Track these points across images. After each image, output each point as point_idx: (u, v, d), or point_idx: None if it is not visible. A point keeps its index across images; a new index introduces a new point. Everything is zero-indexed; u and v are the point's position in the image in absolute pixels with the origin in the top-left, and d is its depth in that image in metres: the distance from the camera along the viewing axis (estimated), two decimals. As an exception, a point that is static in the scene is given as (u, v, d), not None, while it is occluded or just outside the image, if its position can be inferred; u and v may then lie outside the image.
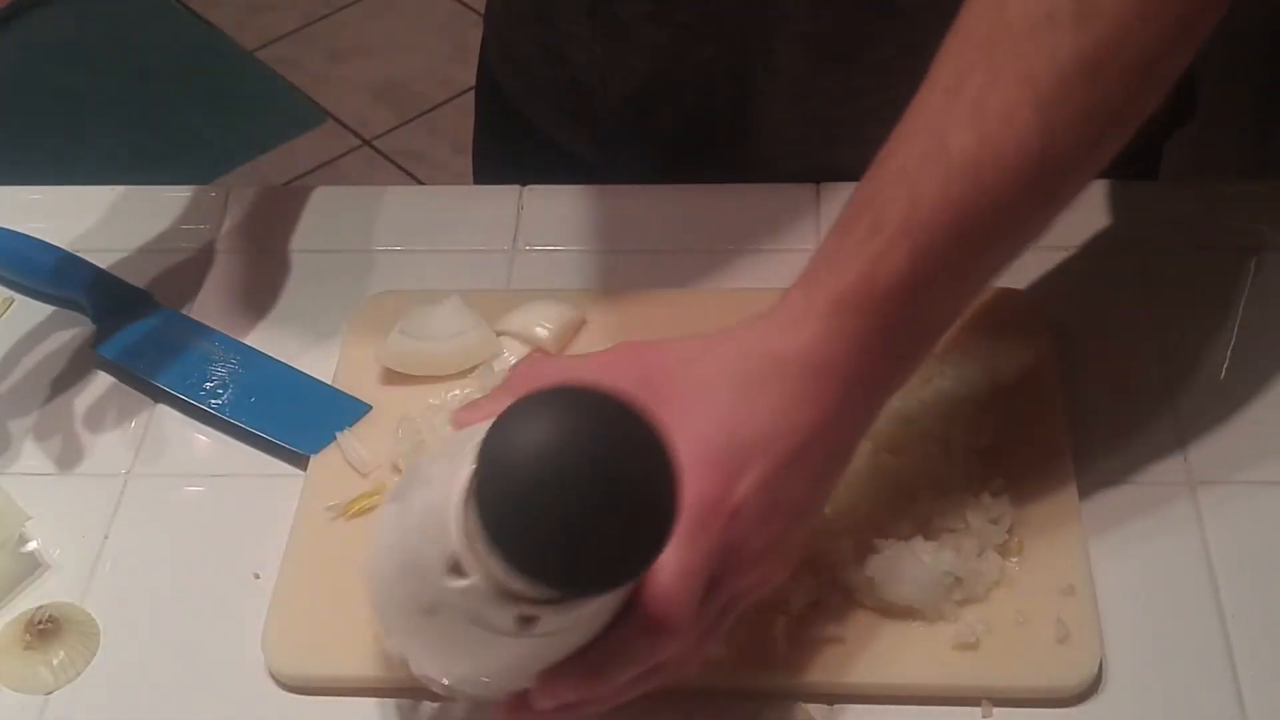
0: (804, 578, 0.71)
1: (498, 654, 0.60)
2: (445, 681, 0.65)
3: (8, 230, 0.92)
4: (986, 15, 0.64)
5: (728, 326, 0.66)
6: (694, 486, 0.59)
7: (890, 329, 0.64)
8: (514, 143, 1.05)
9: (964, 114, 0.63)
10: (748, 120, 0.93)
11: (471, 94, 1.10)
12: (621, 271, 0.89)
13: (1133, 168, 0.95)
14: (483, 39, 1.06)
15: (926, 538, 0.71)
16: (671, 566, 0.60)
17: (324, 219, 0.95)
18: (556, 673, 0.61)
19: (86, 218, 0.95)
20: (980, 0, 0.65)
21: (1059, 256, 0.87)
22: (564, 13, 0.94)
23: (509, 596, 0.57)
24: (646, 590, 0.60)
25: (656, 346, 0.67)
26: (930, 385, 0.77)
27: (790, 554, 0.67)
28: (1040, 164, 0.63)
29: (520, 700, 0.63)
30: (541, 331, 0.83)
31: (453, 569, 0.57)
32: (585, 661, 0.61)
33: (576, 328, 0.84)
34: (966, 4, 0.65)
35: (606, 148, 0.99)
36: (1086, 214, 0.89)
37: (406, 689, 0.71)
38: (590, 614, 0.59)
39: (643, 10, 0.90)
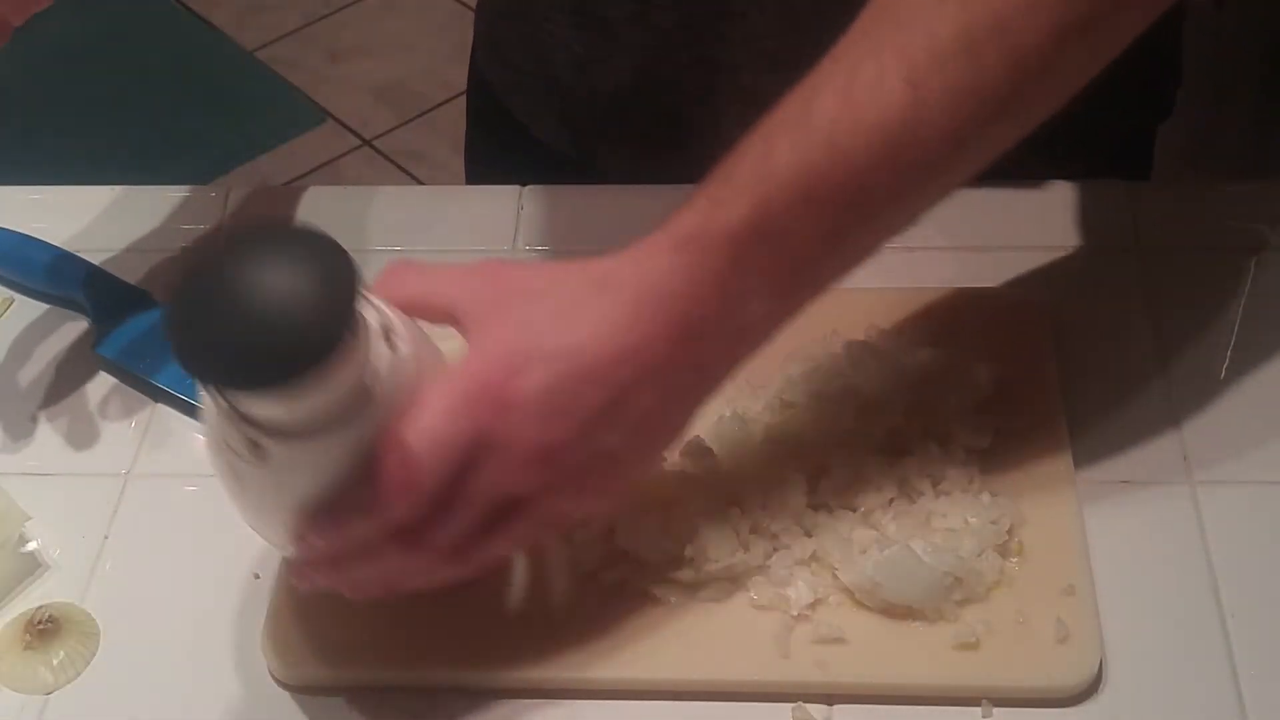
0: (804, 577, 0.71)
1: (250, 486, 0.64)
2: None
3: (7, 230, 0.92)
4: None
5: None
6: (473, 369, 0.63)
7: (723, 272, 0.64)
8: (501, 138, 1.05)
9: (837, 79, 0.64)
10: (723, 129, 0.93)
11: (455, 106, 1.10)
12: (621, 271, 0.89)
13: (1123, 166, 0.95)
14: (474, 33, 1.06)
15: (926, 538, 0.71)
16: (417, 427, 0.62)
17: (324, 219, 0.95)
18: (300, 514, 0.64)
19: (86, 218, 0.95)
20: None
21: (1059, 256, 0.87)
22: (546, 9, 0.94)
23: (236, 419, 0.61)
24: (388, 445, 0.62)
25: (511, 264, 0.69)
26: (930, 385, 0.77)
27: (587, 477, 0.66)
28: (902, 136, 0.63)
29: (300, 564, 0.67)
30: (541, 331, 0.83)
31: (208, 393, 0.62)
32: (327, 509, 0.63)
33: (576, 328, 0.84)
34: None
35: (586, 146, 0.99)
36: (1086, 214, 0.89)
37: (406, 689, 0.71)
38: (320, 456, 0.62)
39: (625, 12, 0.90)
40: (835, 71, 0.64)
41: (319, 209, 0.96)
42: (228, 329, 0.59)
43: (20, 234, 0.92)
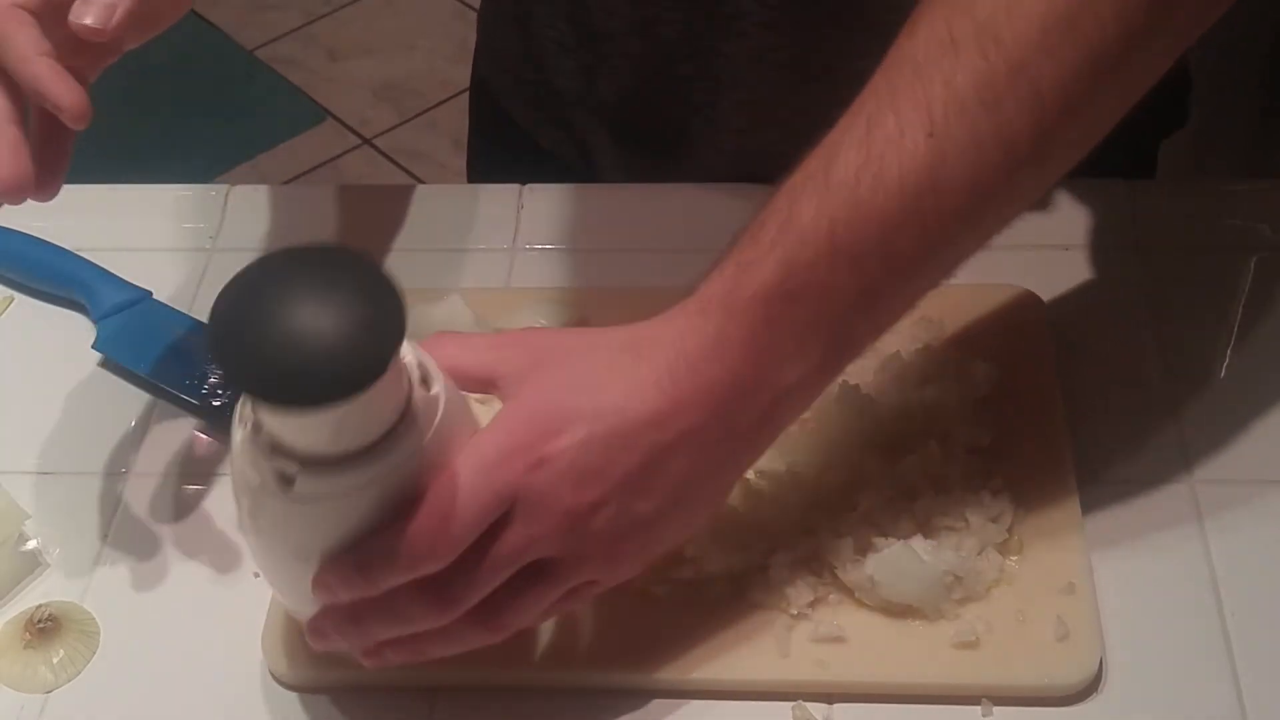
0: (804, 577, 0.71)
1: (274, 525, 0.64)
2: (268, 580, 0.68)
3: (8, 229, 0.92)
4: (900, 43, 0.64)
5: None
6: (508, 425, 0.63)
7: (755, 336, 0.63)
8: (503, 142, 1.05)
9: (857, 133, 0.63)
10: (724, 139, 0.93)
11: (457, 104, 1.10)
12: (621, 270, 0.89)
13: (1128, 170, 0.95)
14: (476, 39, 1.06)
15: (926, 536, 0.71)
16: (451, 481, 0.62)
17: (324, 218, 0.95)
18: (328, 562, 0.63)
19: (87, 216, 0.95)
20: (901, 31, 0.64)
21: (1059, 255, 0.87)
22: (545, 19, 0.94)
23: (266, 449, 0.61)
24: (421, 498, 0.62)
25: (545, 330, 0.70)
26: (930, 384, 0.77)
27: (619, 543, 0.65)
28: (925, 189, 0.62)
29: (317, 619, 0.66)
30: (541, 330, 0.83)
31: (238, 422, 0.63)
32: (352, 554, 0.62)
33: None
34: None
35: (586, 154, 0.99)
36: (1087, 213, 0.89)
37: (406, 688, 0.71)
38: (349, 491, 0.61)
39: (626, 23, 0.90)
40: (854, 126, 0.63)
41: (319, 208, 0.96)
42: (275, 346, 0.58)
43: (20, 232, 0.92)
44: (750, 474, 0.73)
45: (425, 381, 0.63)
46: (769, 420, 0.66)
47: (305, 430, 0.60)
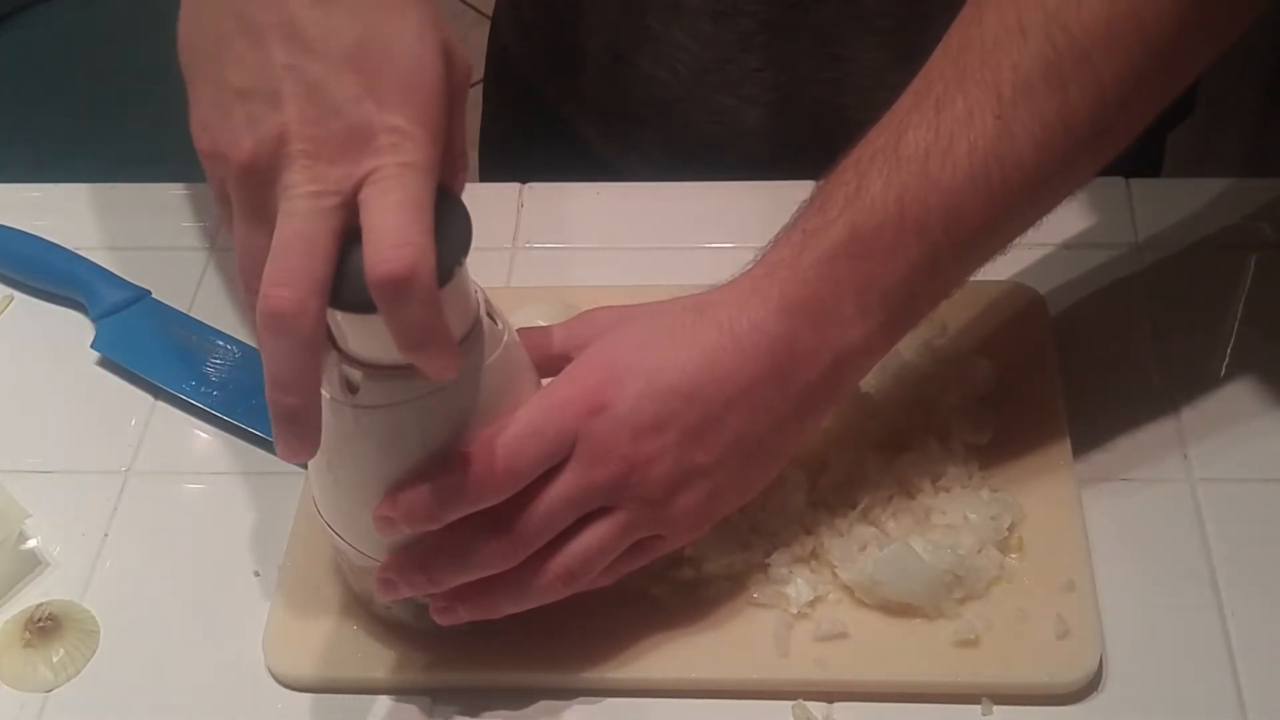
0: (804, 575, 0.71)
1: (341, 438, 0.64)
2: (332, 524, 0.69)
3: (7, 228, 0.92)
4: (962, 29, 0.67)
5: None
6: (572, 375, 0.66)
7: (819, 298, 0.66)
8: (521, 126, 1.05)
9: (926, 113, 0.65)
10: (777, 134, 0.94)
11: (471, 92, 1.10)
12: (622, 269, 0.89)
13: (1136, 160, 0.96)
14: (495, 11, 1.06)
15: (926, 534, 0.71)
16: (513, 417, 0.64)
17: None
18: (396, 489, 0.64)
19: (86, 216, 0.95)
20: (960, 18, 0.67)
21: (1059, 252, 0.87)
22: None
23: (336, 359, 0.63)
24: (482, 425, 0.64)
25: (608, 306, 0.71)
26: (930, 381, 0.77)
27: (676, 494, 0.66)
28: (993, 166, 0.65)
29: (385, 568, 0.67)
30: (541, 329, 0.83)
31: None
32: (418, 485, 0.63)
33: (576, 326, 0.84)
34: (951, 27, 0.67)
35: (624, 145, 0.98)
36: (1088, 211, 0.89)
37: (406, 689, 0.71)
38: (409, 403, 0.63)
39: (705, 8, 0.90)
40: (921, 106, 0.66)
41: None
42: (346, 253, 0.60)
43: (20, 231, 0.92)
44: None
45: (491, 316, 0.65)
46: (829, 382, 0.68)
47: (371, 335, 0.61)
